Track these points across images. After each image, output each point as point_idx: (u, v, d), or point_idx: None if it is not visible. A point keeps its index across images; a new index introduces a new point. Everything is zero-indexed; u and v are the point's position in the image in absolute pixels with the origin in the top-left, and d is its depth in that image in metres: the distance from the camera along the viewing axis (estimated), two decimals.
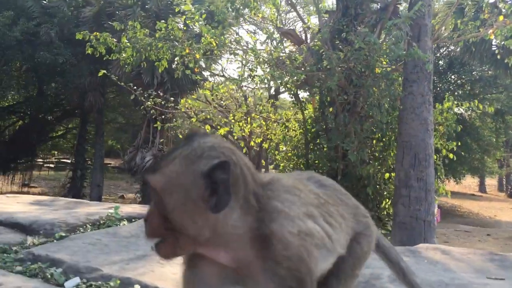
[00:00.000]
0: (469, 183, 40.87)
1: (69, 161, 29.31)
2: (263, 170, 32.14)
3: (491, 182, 45.49)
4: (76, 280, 2.03)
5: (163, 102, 7.82)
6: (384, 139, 8.38)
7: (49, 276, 2.10)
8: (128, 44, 7.60)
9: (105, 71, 6.90)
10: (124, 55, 7.56)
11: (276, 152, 9.24)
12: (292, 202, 1.27)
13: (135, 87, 7.62)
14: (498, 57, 12.55)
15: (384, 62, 7.81)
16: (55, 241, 2.65)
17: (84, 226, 2.94)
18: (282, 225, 1.19)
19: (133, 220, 3.23)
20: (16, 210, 3.34)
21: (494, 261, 2.41)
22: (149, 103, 7.44)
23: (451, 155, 8.52)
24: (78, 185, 22.84)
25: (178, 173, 1.21)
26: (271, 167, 17.64)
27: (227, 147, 1.26)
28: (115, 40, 7.82)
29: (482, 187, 41.58)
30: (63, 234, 2.74)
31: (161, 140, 18.99)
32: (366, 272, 2.13)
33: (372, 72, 7.37)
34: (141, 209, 3.56)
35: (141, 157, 20.89)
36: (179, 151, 1.26)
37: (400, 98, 7.61)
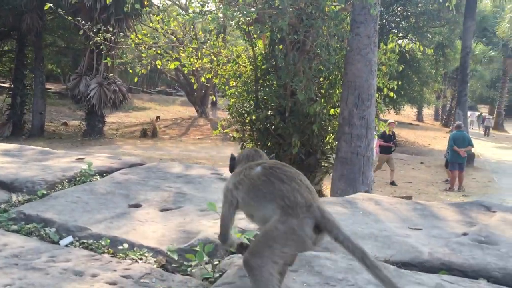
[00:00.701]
0: (408, 112, 43.01)
1: (6, 85, 27.89)
2: (211, 105, 32.07)
3: (428, 112, 48.07)
4: (70, 238, 2.25)
5: (113, 38, 7.63)
6: (330, 77, 8.70)
7: (44, 235, 2.28)
8: None
9: (51, 4, 6.57)
10: None
11: (227, 87, 9.36)
12: (233, 176, 1.88)
13: (83, 22, 7.31)
14: None
15: (334, 2, 7.91)
16: (38, 198, 2.77)
17: (62, 183, 3.06)
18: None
19: (104, 174, 3.38)
20: None
21: (417, 210, 2.81)
22: (98, 38, 7.23)
23: (392, 94, 9.03)
24: (18, 112, 21.99)
25: None
26: (220, 101, 17.71)
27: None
28: None
29: (419, 116, 43.95)
30: (44, 192, 2.88)
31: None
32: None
33: (322, 13, 7.48)
34: (110, 162, 3.70)
35: (85, 84, 20.26)
36: None
37: (347, 39, 7.83)
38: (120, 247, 2.16)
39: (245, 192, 1.76)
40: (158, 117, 27.87)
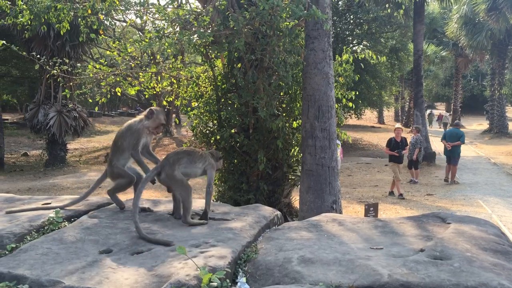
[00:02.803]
0: (369, 116, 44.05)
1: None
2: (175, 123, 31.82)
3: (388, 114, 49.38)
4: None
5: (69, 69, 7.57)
6: (290, 92, 8.89)
7: None
8: (25, 7, 7.14)
9: (4, 42, 6.46)
10: (21, 19, 7.11)
11: (189, 108, 9.41)
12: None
13: (38, 56, 7.24)
14: None
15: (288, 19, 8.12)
16: (7, 253, 2.75)
17: (31, 234, 3.04)
18: None
19: (72, 219, 3.38)
20: None
21: (378, 228, 2.95)
22: (54, 71, 7.16)
23: (350, 104, 9.31)
24: None
25: None
26: (184, 123, 17.70)
27: None
28: (8, 2, 7.29)
29: (380, 119, 45.09)
30: (14, 245, 2.85)
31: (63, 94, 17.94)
32: (280, 257, 2.56)
33: (276, 30, 7.67)
34: (77, 205, 3.70)
35: (44, 113, 19.85)
36: None
37: (303, 53, 8.04)
38: None
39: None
40: None
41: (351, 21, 25.75)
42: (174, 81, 9.28)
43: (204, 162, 3.54)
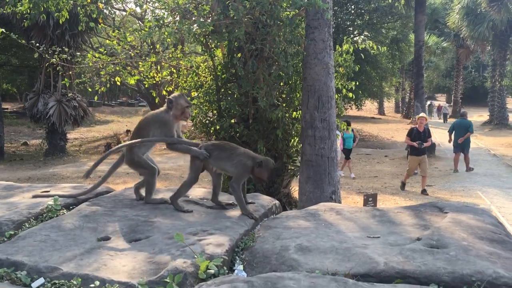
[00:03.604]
0: (369, 107, 43.99)
1: None
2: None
3: (389, 105, 49.32)
4: (41, 280, 2.27)
5: (69, 58, 7.55)
6: (290, 82, 8.87)
7: (16, 279, 2.30)
8: None
9: (3, 30, 6.44)
10: (20, 8, 7.08)
11: (189, 98, 9.38)
12: None
13: (37, 44, 7.22)
14: None
15: (288, 9, 8.07)
16: (6, 240, 2.77)
17: (29, 221, 3.05)
18: None
19: (70, 207, 3.39)
20: None
21: (375, 217, 2.97)
22: (53, 60, 7.14)
23: (350, 94, 9.29)
24: None
25: None
26: None
27: None
28: None
29: (381, 109, 45.04)
30: (12, 233, 2.87)
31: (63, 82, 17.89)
32: (277, 245, 2.58)
33: (277, 20, 7.63)
34: (76, 193, 3.71)
35: (44, 102, 19.82)
36: None
37: (303, 43, 8.00)
38: (92, 285, 2.20)
39: None
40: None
41: (352, 11, 25.61)
42: (174, 70, 9.25)
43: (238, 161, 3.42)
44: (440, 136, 24.20)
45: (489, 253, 2.42)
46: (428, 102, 42.74)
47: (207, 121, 9.06)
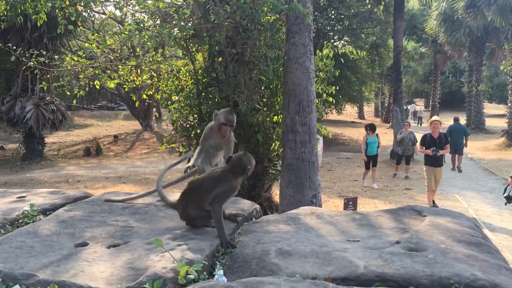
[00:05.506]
0: (350, 111, 44.39)
1: None
2: (155, 117, 31.67)
3: (368, 109, 49.85)
4: (17, 287, 2.22)
5: (47, 61, 7.44)
6: (271, 86, 8.90)
7: None
8: None
9: None
10: None
11: (169, 102, 9.34)
12: None
13: (14, 47, 7.09)
14: None
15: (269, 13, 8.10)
16: None
17: (4, 227, 2.99)
18: None
19: (47, 213, 3.32)
20: None
21: (355, 220, 2.99)
22: (31, 63, 7.02)
23: (330, 99, 9.37)
24: None
25: None
26: (164, 117, 17.58)
27: None
28: None
29: (361, 114, 45.52)
30: None
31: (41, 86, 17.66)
32: (257, 249, 2.57)
33: (257, 25, 7.65)
34: (53, 198, 3.63)
35: (21, 106, 19.48)
36: None
37: (284, 48, 8.04)
38: None
39: None
40: (116, 136, 26.96)
41: (332, 17, 25.84)
42: (154, 74, 9.20)
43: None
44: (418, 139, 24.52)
45: (467, 255, 2.45)
46: (404, 107, 43.33)
47: (188, 125, 9.02)
